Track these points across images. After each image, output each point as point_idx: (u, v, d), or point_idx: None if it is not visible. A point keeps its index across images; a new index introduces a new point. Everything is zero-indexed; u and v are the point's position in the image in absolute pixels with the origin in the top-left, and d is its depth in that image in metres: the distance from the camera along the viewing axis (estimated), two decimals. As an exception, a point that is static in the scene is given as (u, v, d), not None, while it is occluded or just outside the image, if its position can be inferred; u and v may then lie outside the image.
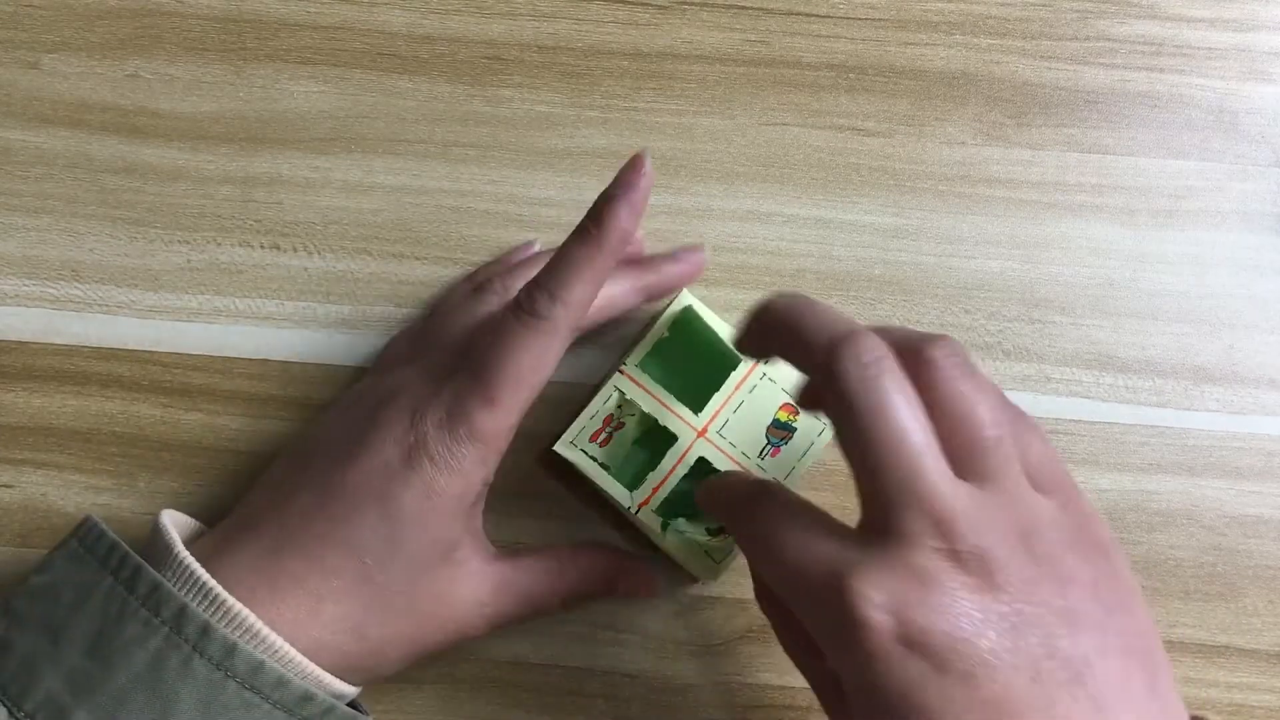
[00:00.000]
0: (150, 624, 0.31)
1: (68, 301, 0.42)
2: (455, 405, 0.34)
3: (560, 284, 0.34)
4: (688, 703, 0.40)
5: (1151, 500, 0.42)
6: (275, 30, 0.44)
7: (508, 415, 0.34)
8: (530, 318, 0.34)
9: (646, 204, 0.34)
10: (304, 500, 0.34)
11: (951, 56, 0.44)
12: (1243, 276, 0.43)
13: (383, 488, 0.33)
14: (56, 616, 0.32)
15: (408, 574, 0.34)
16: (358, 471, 0.34)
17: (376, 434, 0.34)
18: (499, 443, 0.34)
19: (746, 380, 0.38)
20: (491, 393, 0.33)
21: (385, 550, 0.33)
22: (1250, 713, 0.41)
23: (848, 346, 0.29)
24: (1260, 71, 0.44)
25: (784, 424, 0.38)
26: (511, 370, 0.34)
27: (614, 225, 0.34)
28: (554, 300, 0.34)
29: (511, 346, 0.34)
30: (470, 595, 0.35)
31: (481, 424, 0.33)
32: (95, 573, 0.32)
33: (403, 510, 0.33)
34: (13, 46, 0.44)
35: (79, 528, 0.34)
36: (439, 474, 0.33)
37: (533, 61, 0.44)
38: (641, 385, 0.38)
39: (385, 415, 0.34)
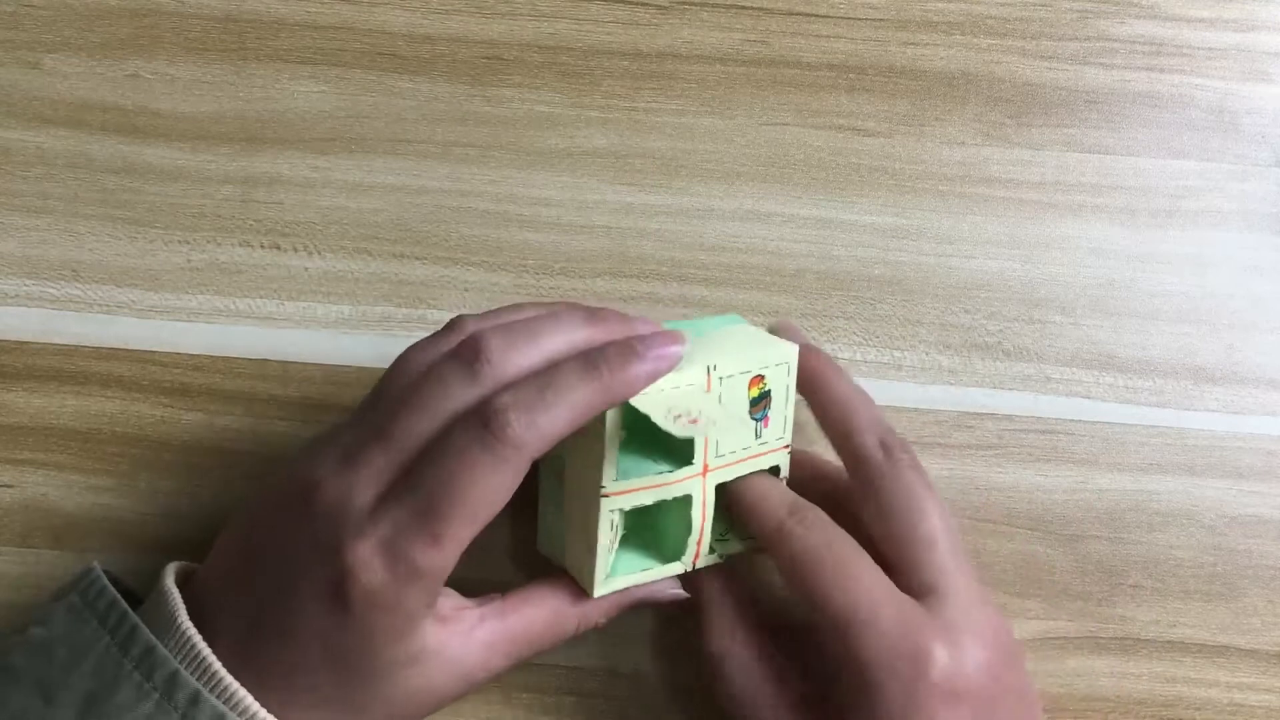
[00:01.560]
0: (142, 689, 0.31)
1: (68, 301, 0.42)
2: (395, 545, 0.30)
3: (547, 414, 0.30)
4: (688, 703, 0.40)
5: (1151, 500, 0.42)
6: (275, 30, 0.44)
7: (453, 552, 0.30)
8: (498, 444, 0.30)
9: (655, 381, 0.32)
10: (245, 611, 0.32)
11: (951, 56, 0.44)
12: (1243, 276, 0.43)
13: (317, 629, 0.31)
14: (51, 675, 0.32)
15: (370, 693, 0.32)
16: (291, 598, 0.31)
17: (302, 545, 0.31)
18: (442, 575, 0.31)
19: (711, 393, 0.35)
20: (438, 530, 0.30)
21: (336, 682, 0.31)
22: (1250, 713, 0.41)
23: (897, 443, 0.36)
24: (1260, 71, 0.44)
25: (759, 397, 0.36)
26: (465, 509, 0.30)
27: (626, 383, 0.31)
28: (531, 427, 0.30)
29: (469, 479, 0.30)
30: (451, 676, 0.33)
31: (424, 563, 0.30)
32: (93, 631, 0.32)
33: (344, 651, 0.31)
34: (13, 46, 0.44)
35: (81, 578, 0.34)
36: (373, 614, 0.30)
37: (533, 61, 0.44)
38: (631, 490, 0.34)
39: (308, 523, 0.31)
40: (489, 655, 0.33)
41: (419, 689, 0.32)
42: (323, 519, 0.31)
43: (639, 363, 0.31)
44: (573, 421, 0.31)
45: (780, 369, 0.36)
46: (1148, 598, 0.41)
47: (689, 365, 0.34)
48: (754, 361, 0.35)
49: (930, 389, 0.42)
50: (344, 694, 0.32)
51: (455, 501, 0.30)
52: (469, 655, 0.33)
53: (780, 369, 0.36)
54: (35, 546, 0.41)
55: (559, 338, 0.33)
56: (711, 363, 0.34)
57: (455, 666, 0.33)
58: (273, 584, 0.32)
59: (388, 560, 0.30)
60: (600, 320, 0.34)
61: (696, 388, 0.34)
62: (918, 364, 0.43)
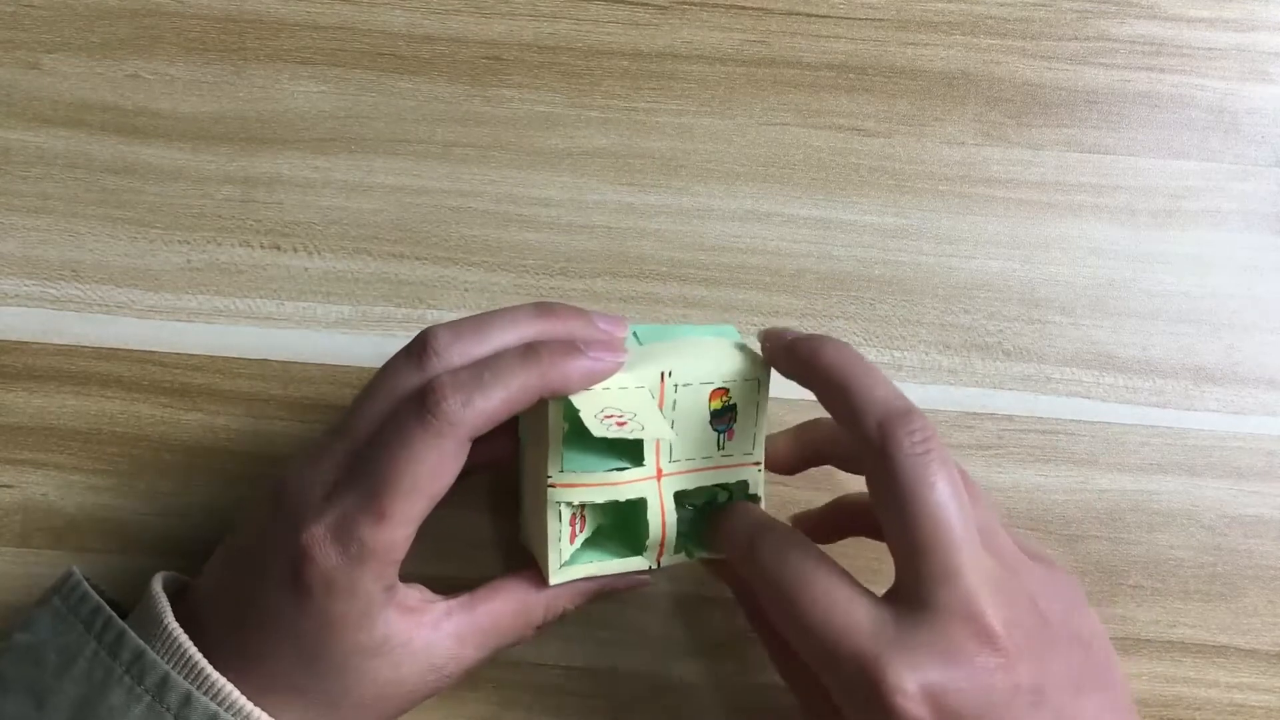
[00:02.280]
0: (133, 692, 0.31)
1: (68, 301, 0.42)
2: (344, 523, 0.31)
3: (483, 393, 0.31)
4: (688, 703, 0.40)
5: (1151, 500, 0.42)
6: (275, 30, 0.44)
7: (401, 527, 0.31)
8: (434, 420, 0.31)
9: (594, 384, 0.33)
10: (229, 613, 0.33)
11: (951, 56, 0.44)
12: (1243, 277, 0.43)
13: (282, 617, 0.32)
14: (41, 681, 0.32)
15: (340, 683, 0.32)
16: (258, 593, 0.32)
17: (266, 540, 0.32)
18: (394, 554, 0.32)
19: (664, 404, 0.35)
20: (383, 506, 0.31)
21: (306, 672, 0.32)
22: (1250, 713, 0.41)
23: (901, 427, 0.31)
24: (1260, 71, 0.44)
25: (722, 410, 0.36)
26: (407, 481, 0.31)
27: (564, 374, 0.32)
28: (466, 405, 0.31)
29: (409, 453, 0.31)
30: (420, 668, 0.33)
31: (372, 540, 0.31)
32: (79, 636, 0.32)
33: (307, 638, 0.32)
34: (13, 46, 0.44)
35: (61, 583, 0.34)
36: (332, 600, 0.31)
37: (533, 61, 0.44)
38: (577, 484, 0.34)
39: (275, 514, 0.32)
40: (459, 647, 0.34)
41: (388, 681, 0.33)
42: (285, 511, 0.32)
43: (578, 358, 0.32)
44: (508, 402, 0.32)
45: (749, 385, 0.36)
46: (1148, 598, 0.41)
47: (644, 367, 0.34)
48: (716, 374, 0.35)
49: (930, 389, 0.42)
50: (315, 685, 0.32)
51: (397, 479, 0.31)
52: (438, 647, 0.33)
53: (749, 385, 0.36)
54: (35, 546, 0.41)
55: (509, 333, 0.34)
56: (668, 369, 0.34)
57: (424, 659, 0.33)
58: (248, 580, 0.33)
59: (339, 541, 0.31)
60: (552, 315, 0.34)
61: (644, 391, 0.34)
62: (918, 364, 0.43)
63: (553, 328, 0.34)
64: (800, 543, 0.33)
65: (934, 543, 0.30)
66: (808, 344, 0.34)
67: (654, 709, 0.40)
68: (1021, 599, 0.31)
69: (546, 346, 0.33)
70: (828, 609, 0.31)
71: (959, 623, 0.30)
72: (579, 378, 0.33)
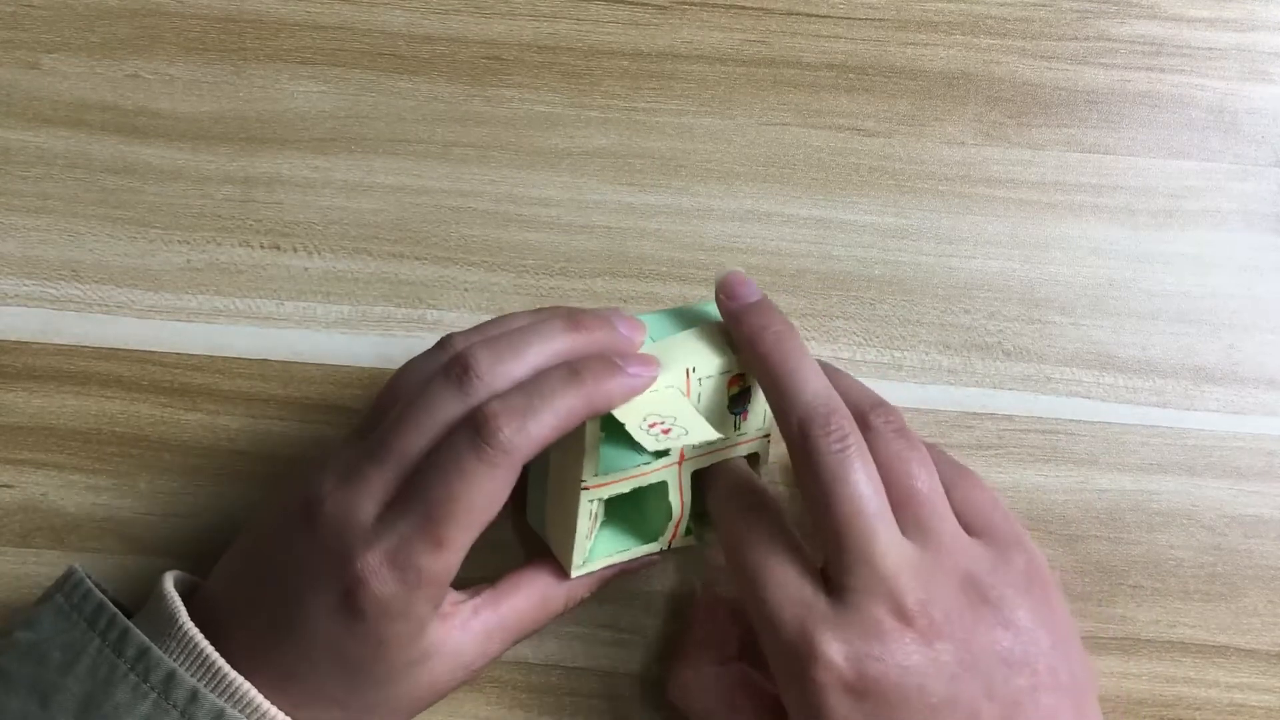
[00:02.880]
0: (139, 689, 0.31)
1: (68, 301, 0.42)
2: (401, 552, 0.31)
3: (535, 420, 0.32)
4: (688, 703, 0.40)
5: (1151, 500, 0.42)
6: (275, 30, 0.44)
7: (457, 554, 0.32)
8: (490, 450, 0.31)
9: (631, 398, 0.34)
10: (261, 623, 0.33)
11: (951, 56, 0.44)
12: (1243, 277, 0.43)
13: (329, 637, 0.32)
14: (45, 678, 0.32)
15: (380, 694, 0.33)
16: (301, 613, 0.32)
17: (310, 563, 0.32)
18: (448, 579, 0.32)
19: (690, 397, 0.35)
20: (440, 535, 0.31)
21: (347, 687, 0.33)
22: (1250, 713, 0.41)
23: (818, 428, 0.33)
24: (1260, 71, 0.44)
25: (739, 394, 0.37)
26: (464, 513, 0.31)
27: (607, 395, 0.33)
28: (521, 433, 0.31)
29: (466, 485, 0.31)
30: (451, 668, 0.34)
31: (430, 568, 0.31)
32: (83, 633, 0.33)
33: (355, 659, 0.32)
34: (13, 46, 0.44)
35: (63, 581, 0.34)
36: (386, 623, 0.32)
37: (533, 61, 0.44)
38: (609, 482, 0.35)
39: (317, 540, 0.32)
40: (487, 644, 0.35)
41: (425, 684, 0.34)
42: (328, 533, 0.32)
43: (619, 377, 0.33)
44: (559, 428, 0.32)
45: None
46: (1148, 598, 0.41)
47: (669, 367, 0.35)
48: (732, 361, 0.36)
49: (930, 389, 0.42)
50: (356, 697, 0.33)
51: (454, 507, 0.31)
52: (468, 646, 0.34)
53: None
54: (35, 546, 0.41)
55: (543, 348, 0.34)
56: (691, 365, 0.35)
57: (457, 659, 0.34)
58: (281, 596, 0.33)
59: (396, 569, 0.31)
60: (582, 326, 0.35)
61: (673, 390, 0.35)
62: (918, 364, 0.43)
63: (585, 342, 0.34)
64: (766, 509, 0.35)
65: (849, 531, 0.32)
66: (750, 323, 0.35)
67: (654, 709, 0.40)
68: (944, 579, 0.32)
69: (588, 367, 0.33)
70: (779, 586, 0.33)
71: (876, 601, 0.32)
72: (621, 396, 0.33)
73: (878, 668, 0.31)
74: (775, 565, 0.33)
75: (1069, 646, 0.33)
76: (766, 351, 0.34)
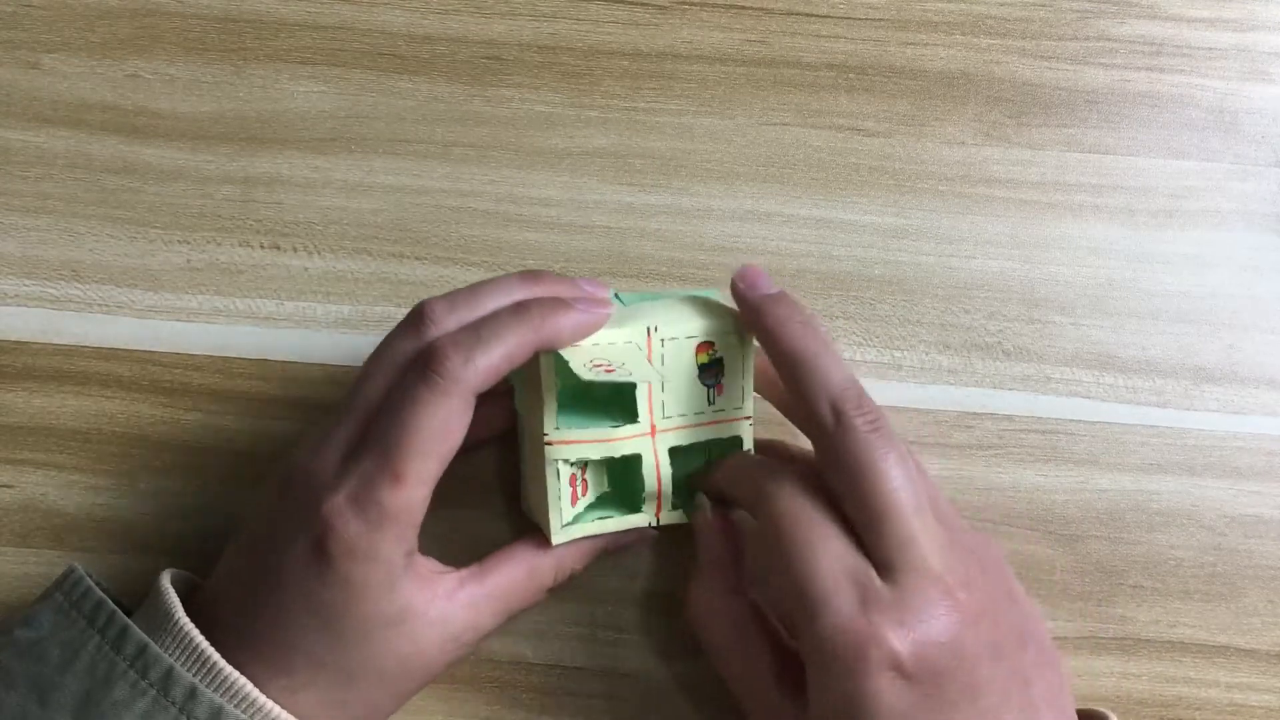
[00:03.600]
0: (138, 686, 0.31)
1: (68, 301, 0.42)
2: (361, 488, 0.32)
3: (481, 349, 0.33)
4: (688, 703, 0.40)
5: (1151, 500, 0.42)
6: (275, 30, 0.44)
7: (418, 487, 0.32)
8: (439, 379, 0.32)
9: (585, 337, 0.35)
10: (244, 599, 0.33)
11: (951, 56, 0.44)
12: (1243, 276, 0.43)
13: (304, 589, 0.32)
14: (44, 676, 0.32)
15: (361, 653, 0.33)
16: (276, 571, 0.33)
17: (281, 522, 0.33)
18: (413, 517, 0.33)
19: (653, 359, 0.36)
20: (398, 467, 0.32)
21: (327, 644, 0.33)
22: (1250, 713, 0.41)
23: (853, 408, 0.33)
24: (1260, 71, 0.44)
25: (709, 363, 0.37)
26: (418, 440, 0.32)
27: (556, 327, 0.34)
28: (468, 363, 0.32)
29: (418, 413, 0.32)
30: (439, 638, 0.34)
31: (391, 503, 0.32)
32: (82, 631, 0.33)
33: (329, 608, 0.32)
34: (13, 46, 0.44)
35: (63, 579, 0.34)
36: (354, 565, 0.32)
37: (533, 61, 0.44)
38: (573, 440, 0.36)
39: (287, 498, 0.33)
40: (475, 615, 0.35)
41: (409, 653, 0.33)
42: (299, 490, 0.33)
43: (568, 311, 0.34)
44: (507, 357, 0.33)
45: (733, 340, 0.37)
46: (1148, 598, 0.41)
47: (629, 323, 0.36)
48: (701, 328, 0.36)
49: (930, 389, 0.42)
50: (335, 657, 0.33)
51: (408, 440, 0.32)
52: (454, 617, 0.34)
53: (733, 340, 0.37)
54: (35, 546, 0.41)
55: (500, 298, 0.35)
56: (653, 324, 0.36)
57: (441, 629, 0.34)
58: (263, 563, 0.33)
59: (358, 507, 0.32)
60: (539, 280, 0.36)
61: (631, 345, 0.35)
62: (918, 364, 0.43)
63: (541, 290, 0.36)
64: (806, 489, 0.34)
65: (893, 510, 0.32)
66: (775, 313, 0.35)
67: (654, 709, 0.40)
68: (968, 561, 0.33)
69: (537, 303, 0.34)
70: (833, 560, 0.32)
71: (928, 583, 0.32)
72: (570, 330, 0.34)
73: (932, 650, 0.31)
74: (827, 546, 0.33)
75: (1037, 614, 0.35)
76: (794, 338, 0.35)
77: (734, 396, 0.37)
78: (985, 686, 0.32)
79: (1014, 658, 0.33)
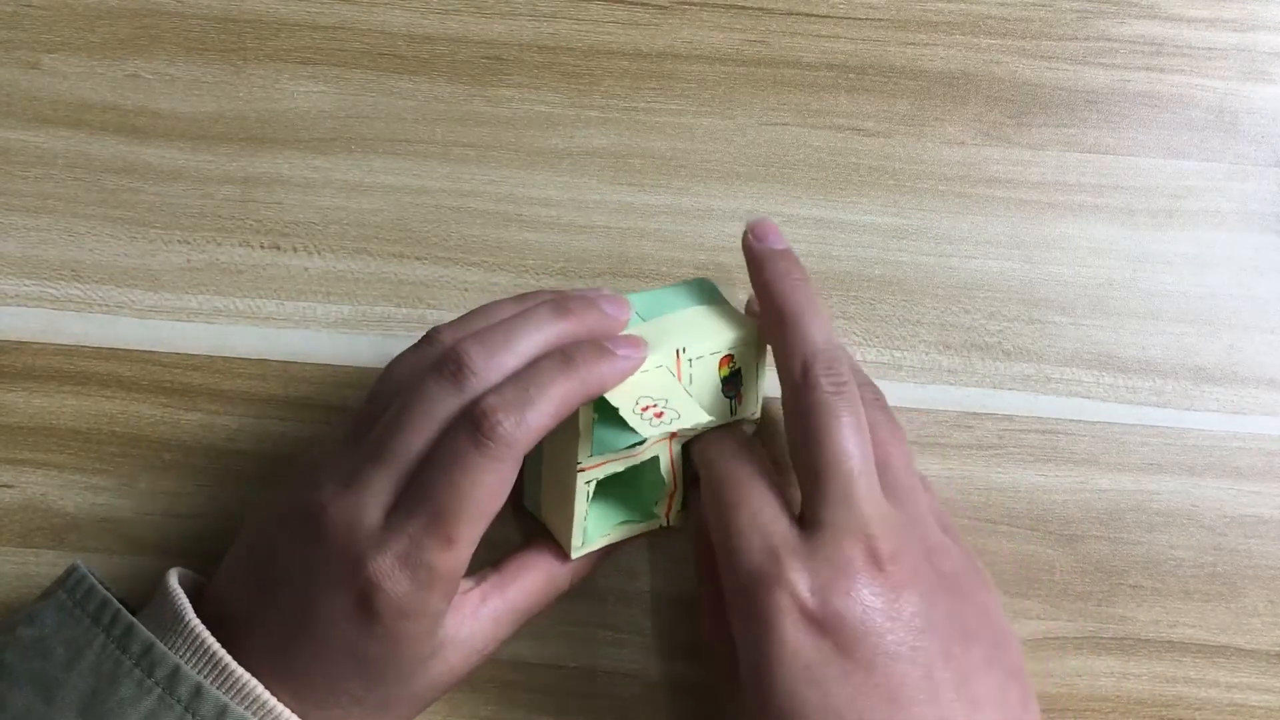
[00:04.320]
0: (144, 684, 0.31)
1: (68, 301, 0.42)
2: (412, 553, 0.31)
3: (532, 410, 0.32)
4: (688, 703, 0.40)
5: (1151, 500, 0.42)
6: (275, 30, 0.44)
7: (466, 550, 0.32)
8: (491, 444, 0.31)
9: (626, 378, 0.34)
10: (273, 629, 0.33)
11: (951, 56, 0.44)
12: (1243, 276, 0.43)
13: (345, 639, 0.32)
14: (49, 674, 0.32)
15: (398, 688, 0.33)
16: (316, 620, 0.32)
17: (321, 572, 0.32)
18: (459, 575, 0.33)
19: (682, 378, 0.36)
20: (449, 532, 0.31)
21: (367, 686, 0.33)
22: (1250, 712, 0.41)
23: (821, 368, 0.34)
24: (1260, 71, 0.44)
25: (731, 376, 0.37)
26: (471, 508, 0.31)
27: (600, 379, 0.33)
28: (519, 424, 0.32)
29: (470, 481, 0.31)
30: (465, 654, 0.35)
31: (441, 567, 0.32)
32: (87, 629, 0.33)
33: (374, 657, 0.32)
34: (13, 46, 0.44)
35: (65, 577, 0.34)
36: (401, 621, 0.32)
37: (533, 61, 0.44)
38: (603, 462, 0.36)
39: (326, 547, 0.32)
40: (496, 628, 0.35)
41: (440, 674, 0.34)
42: (335, 539, 0.32)
43: (611, 360, 0.34)
44: (556, 416, 0.33)
45: (749, 346, 0.37)
46: (1148, 598, 0.41)
47: (659, 348, 0.36)
48: (722, 342, 0.36)
49: (930, 389, 0.42)
50: (376, 694, 0.33)
51: (461, 504, 0.31)
52: (479, 633, 0.35)
53: (749, 346, 0.37)
54: (35, 546, 0.41)
55: (534, 337, 0.34)
56: (681, 345, 0.36)
57: (469, 646, 0.35)
58: (293, 602, 0.33)
59: (408, 569, 0.31)
60: (570, 313, 0.35)
61: (663, 370, 0.35)
62: (918, 364, 0.43)
63: (573, 328, 0.35)
64: (748, 449, 0.35)
65: (834, 470, 0.32)
66: (774, 267, 0.36)
67: (654, 709, 0.40)
68: (914, 543, 0.33)
69: (580, 353, 0.33)
70: (756, 510, 0.33)
71: (851, 540, 0.32)
72: (613, 380, 0.34)
73: (843, 603, 0.31)
74: (751, 497, 0.33)
75: (1014, 646, 0.34)
76: (785, 293, 0.35)
77: (750, 403, 0.38)
78: (905, 660, 0.31)
79: (951, 648, 0.32)
